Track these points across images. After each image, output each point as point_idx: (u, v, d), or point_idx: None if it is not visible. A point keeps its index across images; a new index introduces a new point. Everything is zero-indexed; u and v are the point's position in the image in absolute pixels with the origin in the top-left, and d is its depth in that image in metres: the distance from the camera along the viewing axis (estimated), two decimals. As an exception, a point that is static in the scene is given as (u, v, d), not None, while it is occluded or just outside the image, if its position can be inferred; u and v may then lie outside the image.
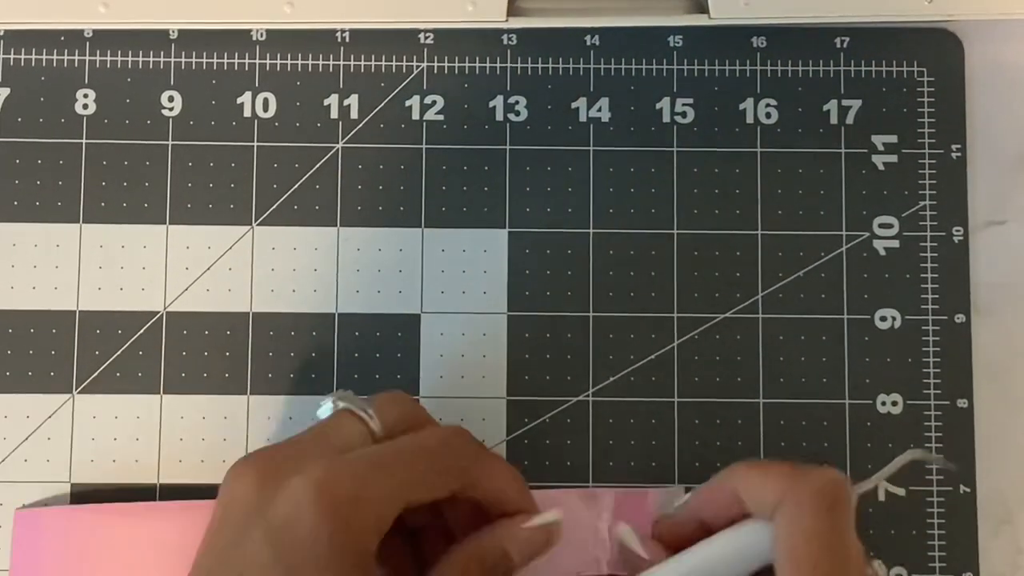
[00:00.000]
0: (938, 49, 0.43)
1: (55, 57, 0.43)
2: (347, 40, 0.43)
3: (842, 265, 0.42)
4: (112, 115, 0.42)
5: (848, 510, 0.31)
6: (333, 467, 0.31)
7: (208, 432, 0.41)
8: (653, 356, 0.42)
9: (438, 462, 0.33)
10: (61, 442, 0.41)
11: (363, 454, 0.32)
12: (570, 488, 0.41)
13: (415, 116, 0.43)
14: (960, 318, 0.42)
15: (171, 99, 0.43)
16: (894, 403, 0.42)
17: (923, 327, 0.42)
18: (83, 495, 0.41)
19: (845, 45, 0.43)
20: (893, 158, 0.43)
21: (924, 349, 0.42)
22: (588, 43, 0.43)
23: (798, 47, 0.43)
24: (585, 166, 0.42)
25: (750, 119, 0.43)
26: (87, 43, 0.43)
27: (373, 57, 0.43)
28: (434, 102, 0.43)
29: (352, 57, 0.43)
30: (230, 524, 0.31)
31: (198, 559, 0.32)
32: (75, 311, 0.42)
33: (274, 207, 0.42)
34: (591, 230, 0.42)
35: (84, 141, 0.42)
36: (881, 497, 0.41)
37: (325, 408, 0.35)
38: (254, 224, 0.42)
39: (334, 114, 0.43)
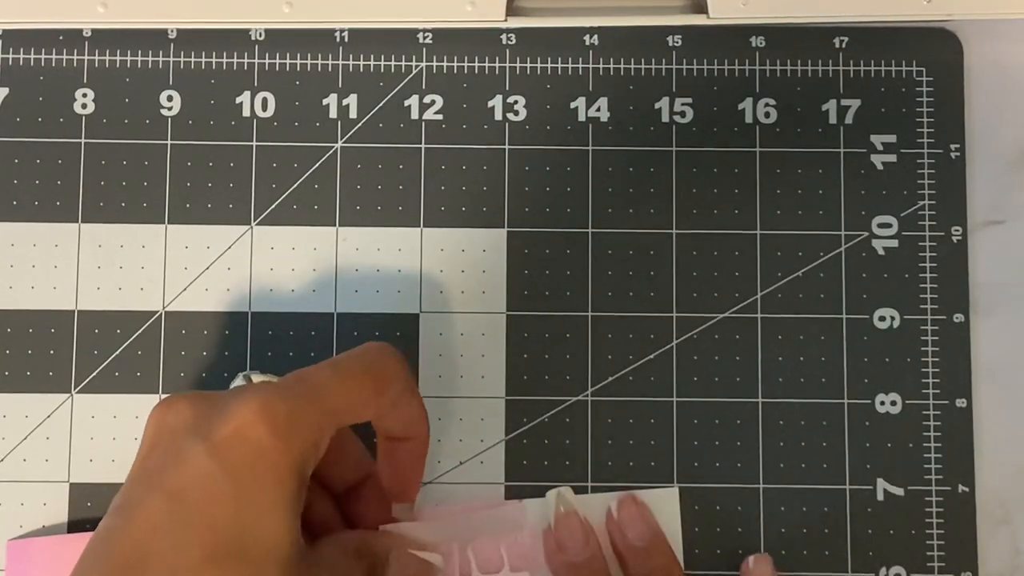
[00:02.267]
0: (937, 49, 0.43)
1: (54, 57, 0.43)
2: (346, 40, 0.43)
3: (841, 265, 0.42)
4: (111, 115, 0.42)
5: None
6: (271, 390, 0.32)
7: (207, 432, 0.41)
8: (652, 356, 0.42)
9: (372, 380, 0.34)
10: (60, 441, 0.41)
11: (297, 377, 0.33)
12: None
13: (414, 116, 0.43)
14: (959, 318, 0.42)
15: (170, 99, 0.43)
16: (893, 403, 0.42)
17: (922, 327, 0.42)
18: (82, 495, 0.41)
19: (844, 45, 0.43)
20: (892, 158, 0.43)
21: (923, 349, 0.42)
22: (587, 43, 0.43)
23: (797, 47, 0.43)
24: (584, 166, 0.42)
25: (749, 119, 0.43)
26: (86, 43, 0.43)
27: (372, 57, 0.43)
28: (433, 102, 0.43)
29: (351, 57, 0.43)
30: (163, 448, 0.31)
31: (128, 486, 0.31)
32: (74, 311, 0.42)
33: (273, 207, 0.42)
34: (590, 230, 0.42)
35: (83, 141, 0.42)
36: (880, 497, 0.41)
37: (238, 381, 0.37)
38: (253, 224, 0.42)
39: (333, 114, 0.43)
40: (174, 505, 0.30)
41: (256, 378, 0.35)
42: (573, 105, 0.43)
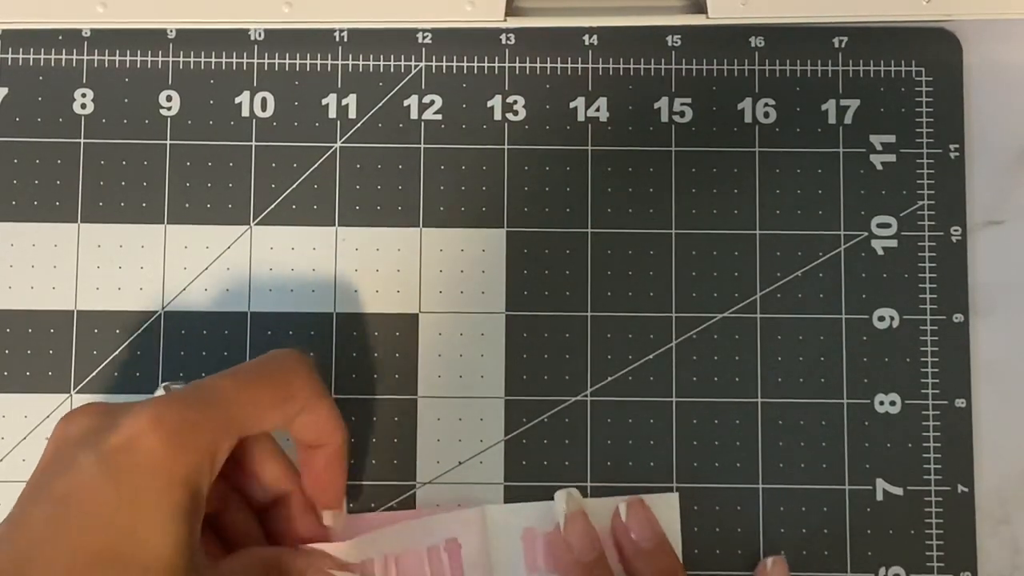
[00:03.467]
0: (936, 49, 0.43)
1: (53, 57, 0.43)
2: (345, 40, 0.43)
3: (840, 265, 0.42)
4: (110, 115, 0.42)
5: None
6: (167, 400, 0.32)
7: (206, 432, 0.41)
8: (651, 356, 0.42)
9: (275, 387, 0.34)
10: (59, 442, 0.41)
11: (196, 386, 0.33)
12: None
13: (413, 116, 0.43)
14: (958, 318, 0.42)
15: (169, 99, 0.43)
16: (892, 403, 0.42)
17: (921, 327, 0.42)
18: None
19: (843, 45, 0.43)
20: (891, 158, 0.43)
21: (922, 349, 0.42)
22: (586, 43, 0.43)
23: (796, 47, 0.43)
24: (583, 166, 0.42)
25: (748, 119, 0.43)
26: (85, 43, 0.43)
27: (371, 57, 0.43)
28: (432, 102, 0.43)
29: (350, 57, 0.43)
30: (58, 458, 0.31)
31: (21, 496, 0.31)
32: (73, 311, 0.41)
33: (272, 207, 0.42)
34: (589, 230, 0.42)
35: (82, 141, 0.42)
36: (879, 497, 0.41)
37: (159, 391, 0.37)
38: (252, 224, 0.42)
39: (332, 114, 0.43)
40: (59, 512, 0.30)
41: (174, 387, 0.35)
42: (572, 105, 0.43)
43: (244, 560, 0.34)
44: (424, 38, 0.43)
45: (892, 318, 0.42)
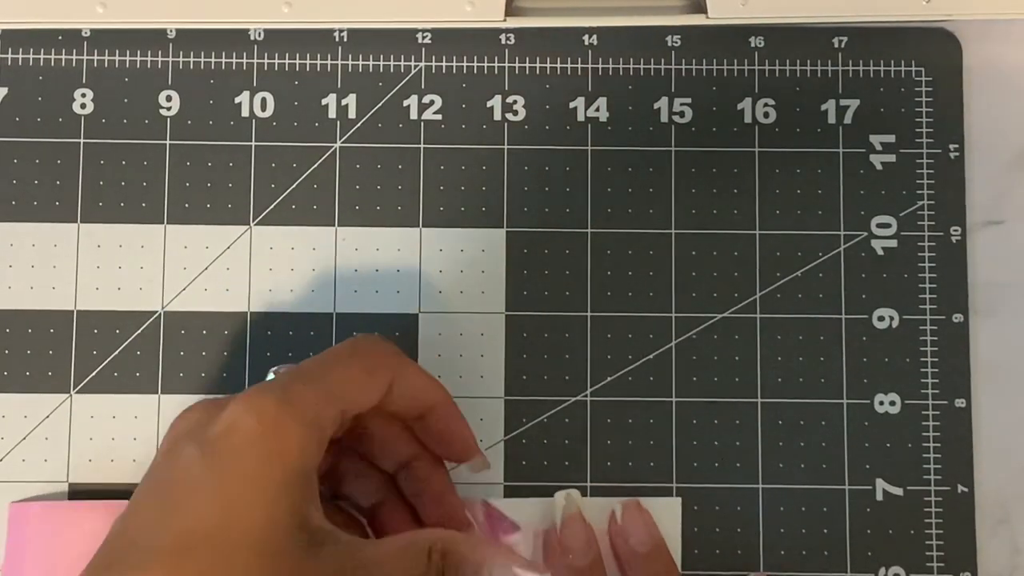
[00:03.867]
0: (936, 49, 0.43)
1: (53, 57, 0.43)
2: (345, 40, 0.43)
3: (840, 265, 0.42)
4: (110, 115, 0.42)
5: None
6: (263, 384, 0.33)
7: (206, 432, 0.41)
8: (651, 356, 0.42)
9: (360, 360, 0.34)
10: (59, 442, 0.41)
11: (287, 372, 0.34)
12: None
13: (413, 116, 0.43)
14: (958, 318, 0.42)
15: (169, 99, 0.43)
16: (892, 403, 0.42)
17: (921, 327, 0.42)
18: (81, 495, 0.41)
19: (843, 45, 0.43)
20: (891, 158, 0.43)
21: (922, 349, 0.42)
22: (586, 43, 0.43)
23: (796, 47, 0.43)
24: (583, 166, 0.42)
25: (748, 119, 0.43)
26: (85, 43, 0.43)
27: (371, 57, 0.43)
28: (432, 102, 0.43)
29: (350, 57, 0.43)
30: (168, 452, 0.32)
31: (136, 491, 0.32)
32: (73, 311, 0.41)
33: (272, 207, 0.42)
34: (589, 230, 0.42)
35: (82, 141, 0.42)
36: (879, 497, 0.41)
37: (269, 376, 0.37)
38: (252, 224, 0.42)
39: (332, 114, 0.43)
40: (162, 501, 0.31)
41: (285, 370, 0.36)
42: (572, 105, 0.43)
43: (398, 543, 0.32)
44: (424, 38, 0.43)
45: (892, 318, 0.42)
